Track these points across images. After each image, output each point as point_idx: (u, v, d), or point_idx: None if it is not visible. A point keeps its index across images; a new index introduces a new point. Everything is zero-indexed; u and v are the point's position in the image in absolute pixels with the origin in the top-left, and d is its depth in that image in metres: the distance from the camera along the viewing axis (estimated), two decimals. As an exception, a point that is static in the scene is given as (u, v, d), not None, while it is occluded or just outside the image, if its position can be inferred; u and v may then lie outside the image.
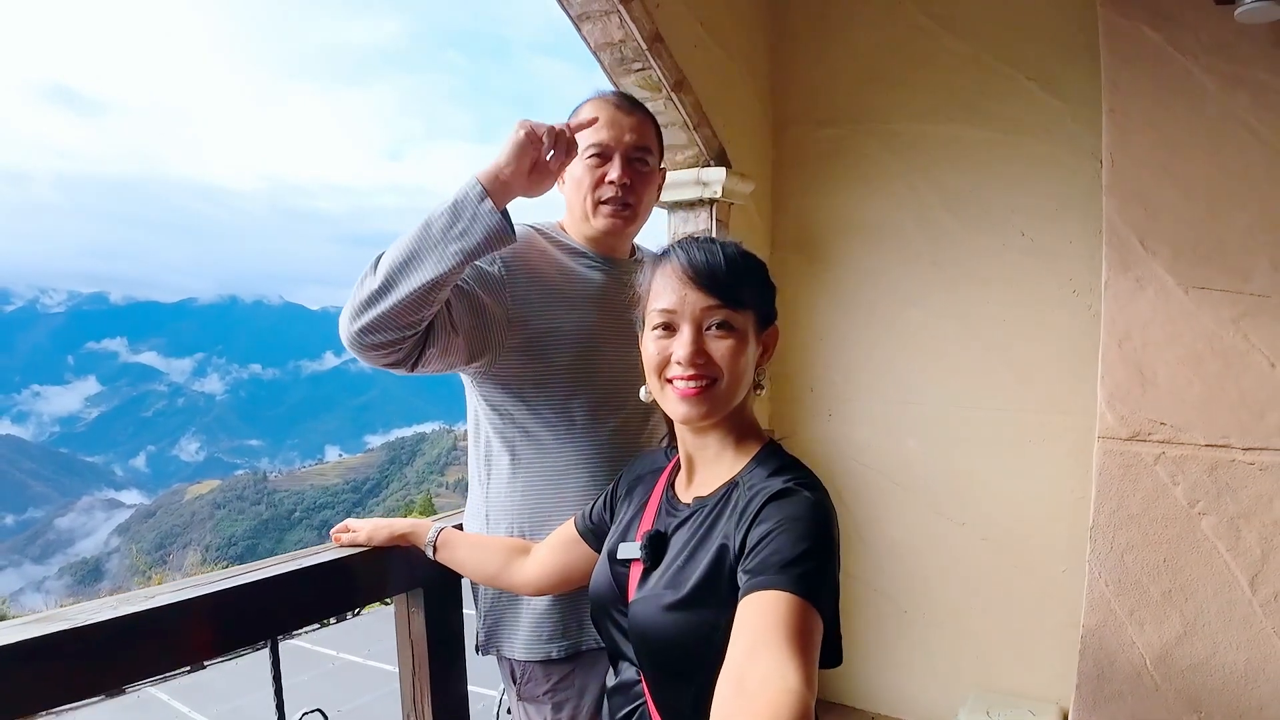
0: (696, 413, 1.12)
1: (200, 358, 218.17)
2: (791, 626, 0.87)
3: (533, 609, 1.54)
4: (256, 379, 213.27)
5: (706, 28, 2.61)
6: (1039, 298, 2.70)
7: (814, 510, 1.01)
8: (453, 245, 1.27)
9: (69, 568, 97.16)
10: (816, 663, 0.89)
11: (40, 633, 1.10)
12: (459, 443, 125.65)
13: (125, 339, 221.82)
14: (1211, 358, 2.07)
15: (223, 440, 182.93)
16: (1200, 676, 2.09)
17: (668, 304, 1.13)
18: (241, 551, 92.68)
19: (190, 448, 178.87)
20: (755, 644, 0.87)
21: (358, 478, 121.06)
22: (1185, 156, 2.09)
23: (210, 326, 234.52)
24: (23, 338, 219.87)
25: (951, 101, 2.81)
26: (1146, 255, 2.13)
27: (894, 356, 2.95)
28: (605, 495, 1.39)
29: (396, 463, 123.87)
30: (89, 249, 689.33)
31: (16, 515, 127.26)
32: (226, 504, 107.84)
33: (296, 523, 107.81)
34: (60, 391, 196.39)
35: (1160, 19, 2.09)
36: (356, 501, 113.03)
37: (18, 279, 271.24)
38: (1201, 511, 2.08)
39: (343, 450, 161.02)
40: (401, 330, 1.30)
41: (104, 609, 1.21)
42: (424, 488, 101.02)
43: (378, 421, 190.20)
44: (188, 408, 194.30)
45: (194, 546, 77.97)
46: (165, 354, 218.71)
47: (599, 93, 1.59)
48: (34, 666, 1.09)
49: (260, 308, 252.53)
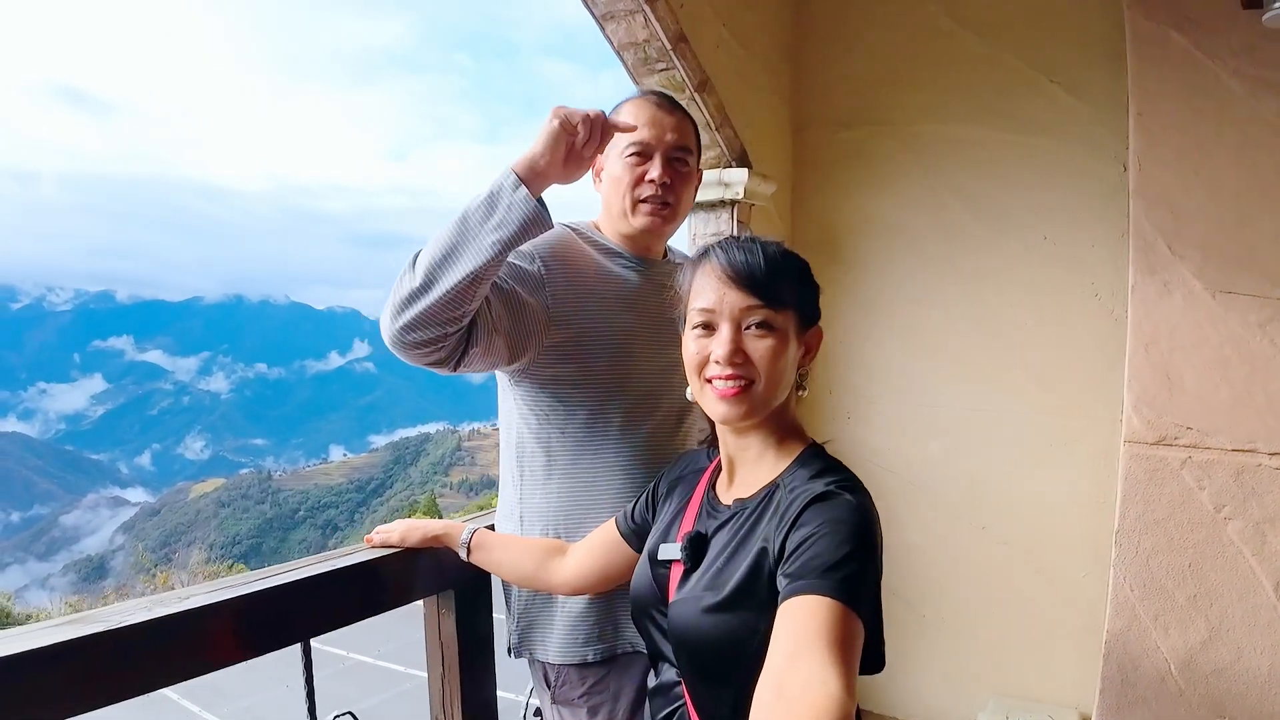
0: (735, 413, 1.11)
1: (206, 356, 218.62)
2: (832, 632, 0.87)
3: (567, 611, 1.52)
4: (262, 378, 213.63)
5: (729, 28, 2.61)
6: (1061, 301, 2.69)
7: (856, 513, 1.00)
8: (490, 236, 1.27)
9: (74, 565, 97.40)
10: (857, 669, 0.89)
11: (75, 635, 1.09)
12: (463, 443, 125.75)
13: (131, 337, 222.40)
14: (1238, 362, 2.06)
15: (228, 439, 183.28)
16: (1224, 681, 2.08)
17: (707, 303, 1.12)
18: (245, 550, 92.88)
19: (195, 446, 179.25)
20: (796, 649, 0.86)
21: (362, 477, 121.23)
22: (1213, 160, 2.09)
23: (216, 325, 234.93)
24: (29, 335, 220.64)
25: (973, 103, 2.80)
26: (1174, 259, 2.12)
27: (914, 359, 2.94)
28: (646, 495, 1.39)
29: (401, 463, 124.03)
30: (96, 248, 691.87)
31: (22, 512, 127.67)
32: (231, 502, 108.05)
33: (300, 522, 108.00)
34: (66, 389, 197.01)
35: (1188, 23, 2.09)
36: (361, 501, 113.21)
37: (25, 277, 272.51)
38: (1227, 516, 2.07)
39: (347, 450, 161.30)
40: (443, 326, 1.29)
41: (138, 610, 1.20)
42: (428, 488, 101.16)
43: (382, 421, 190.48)
44: (193, 406, 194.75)
45: (198, 545, 78.12)
46: (171, 353, 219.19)
47: (639, 92, 1.58)
48: (67, 669, 1.08)
49: (266, 307, 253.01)
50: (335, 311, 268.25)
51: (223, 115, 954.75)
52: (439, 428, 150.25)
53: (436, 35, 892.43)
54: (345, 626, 1.50)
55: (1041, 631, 2.77)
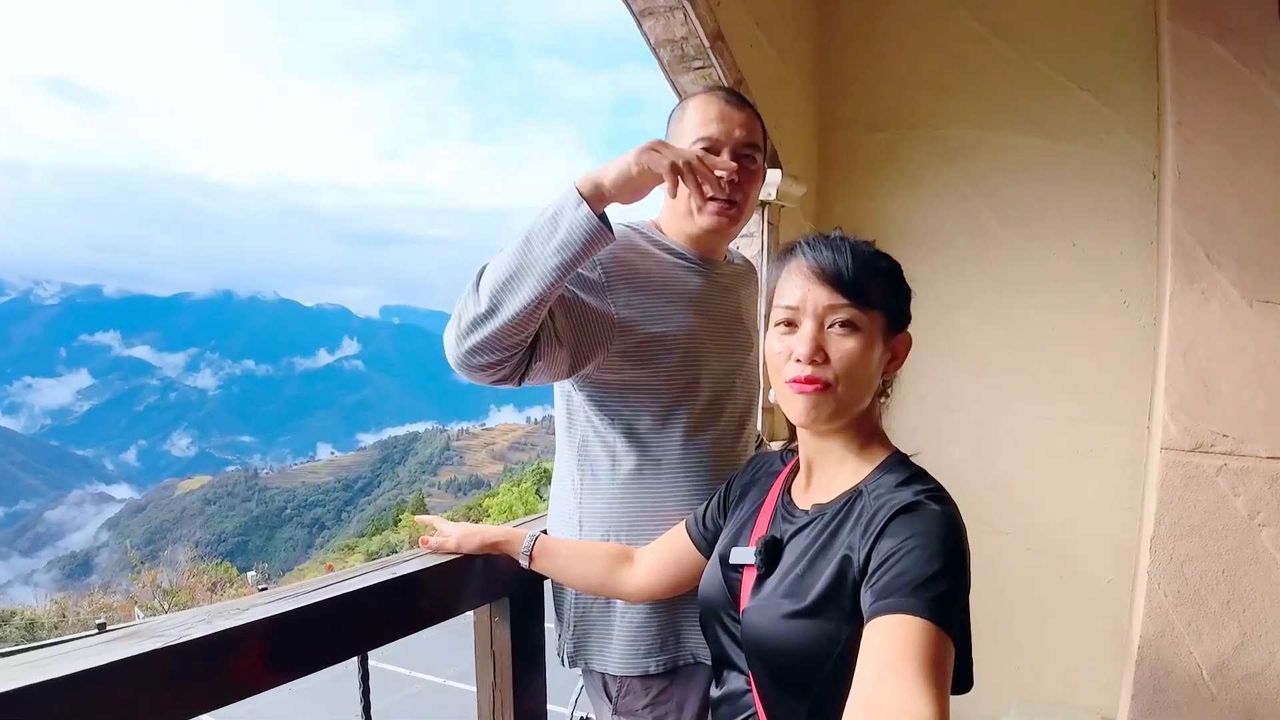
0: (814, 414, 1.08)
1: (194, 352, 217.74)
2: (924, 655, 0.83)
3: (628, 621, 1.49)
4: (250, 375, 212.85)
5: (762, 28, 2.61)
6: (1089, 307, 2.70)
7: (946, 526, 0.97)
8: (553, 259, 1.23)
9: (58, 561, 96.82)
10: (949, 691, 0.85)
11: (132, 652, 1.00)
12: (452, 443, 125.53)
13: (119, 332, 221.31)
14: (1275, 371, 2.08)
15: (214, 436, 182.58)
16: (1256, 686, 2.09)
17: (791, 300, 1.09)
18: (231, 548, 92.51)
19: (182, 443, 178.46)
20: (885, 671, 0.83)
21: (349, 476, 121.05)
22: (1252, 170, 2.11)
23: (205, 321, 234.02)
24: (16, 329, 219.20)
25: (1003, 108, 2.81)
26: (1212, 267, 2.13)
27: (940, 363, 2.94)
28: (717, 498, 1.35)
29: (389, 461, 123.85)
30: (85, 241, 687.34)
31: (7, 508, 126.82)
32: (217, 500, 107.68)
33: (287, 520, 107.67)
34: (52, 384, 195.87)
35: (1228, 34, 2.11)
36: (348, 500, 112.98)
37: (12, 270, 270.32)
38: (1262, 523, 2.08)
39: (335, 448, 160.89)
40: (509, 350, 1.27)
41: (195, 623, 1.11)
42: (416, 487, 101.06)
43: (370, 420, 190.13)
44: (180, 403, 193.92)
45: (184, 542, 77.65)
46: (159, 348, 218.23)
47: (707, 87, 1.56)
48: (125, 689, 1.00)
49: (256, 304, 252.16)
50: (325, 309, 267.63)
51: (217, 110, 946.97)
52: (428, 427, 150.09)
53: (431, 33, 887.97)
54: (404, 637, 1.45)
55: (1065, 636, 2.78)
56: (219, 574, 30.03)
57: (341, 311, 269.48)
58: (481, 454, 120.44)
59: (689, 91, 2.44)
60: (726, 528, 1.27)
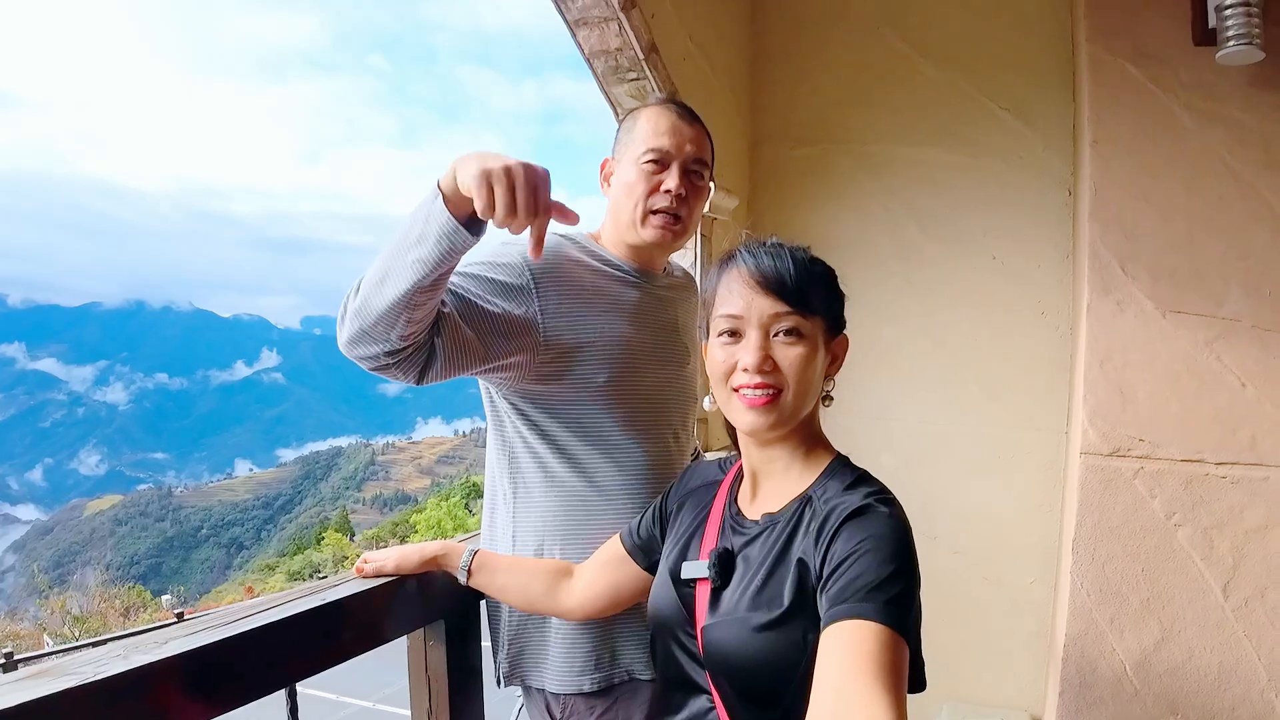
0: (764, 423, 1.07)
1: (103, 365, 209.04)
2: (882, 661, 0.84)
3: (562, 636, 1.46)
4: (163, 389, 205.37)
5: (695, 42, 2.63)
6: (1009, 318, 2.80)
7: (895, 529, 0.97)
8: (410, 254, 1.16)
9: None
10: (906, 695, 0.86)
11: (41, 693, 0.90)
12: (377, 457, 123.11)
13: (23, 344, 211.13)
14: (1188, 377, 2.18)
15: (125, 453, 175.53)
16: (1177, 680, 2.19)
17: (734, 309, 1.08)
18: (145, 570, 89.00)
19: (90, 461, 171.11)
20: (845, 680, 0.83)
21: (269, 493, 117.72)
22: (1164, 188, 2.21)
23: (115, 333, 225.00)
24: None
25: (926, 125, 2.89)
26: (1126, 279, 2.23)
27: (868, 373, 3.00)
28: (654, 510, 1.33)
29: (311, 478, 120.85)
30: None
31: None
32: (129, 520, 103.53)
33: (204, 540, 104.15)
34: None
35: (1143, 57, 2.22)
36: (268, 518, 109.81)
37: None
38: (1178, 523, 2.18)
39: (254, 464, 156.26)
40: (385, 344, 1.22)
41: (111, 659, 1.01)
42: (340, 504, 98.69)
43: (291, 434, 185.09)
44: (88, 418, 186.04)
45: (94, 565, 74.41)
46: (66, 361, 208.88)
47: (659, 99, 1.56)
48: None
49: (168, 314, 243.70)
50: (242, 319, 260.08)
51: (124, 110, 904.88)
52: (351, 441, 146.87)
53: (350, 35, 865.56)
54: (334, 667, 1.38)
55: (993, 637, 2.85)
56: (132, 598, 28.81)
57: (260, 322, 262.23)
58: (408, 468, 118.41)
59: (623, 104, 2.44)
60: (669, 541, 1.25)
